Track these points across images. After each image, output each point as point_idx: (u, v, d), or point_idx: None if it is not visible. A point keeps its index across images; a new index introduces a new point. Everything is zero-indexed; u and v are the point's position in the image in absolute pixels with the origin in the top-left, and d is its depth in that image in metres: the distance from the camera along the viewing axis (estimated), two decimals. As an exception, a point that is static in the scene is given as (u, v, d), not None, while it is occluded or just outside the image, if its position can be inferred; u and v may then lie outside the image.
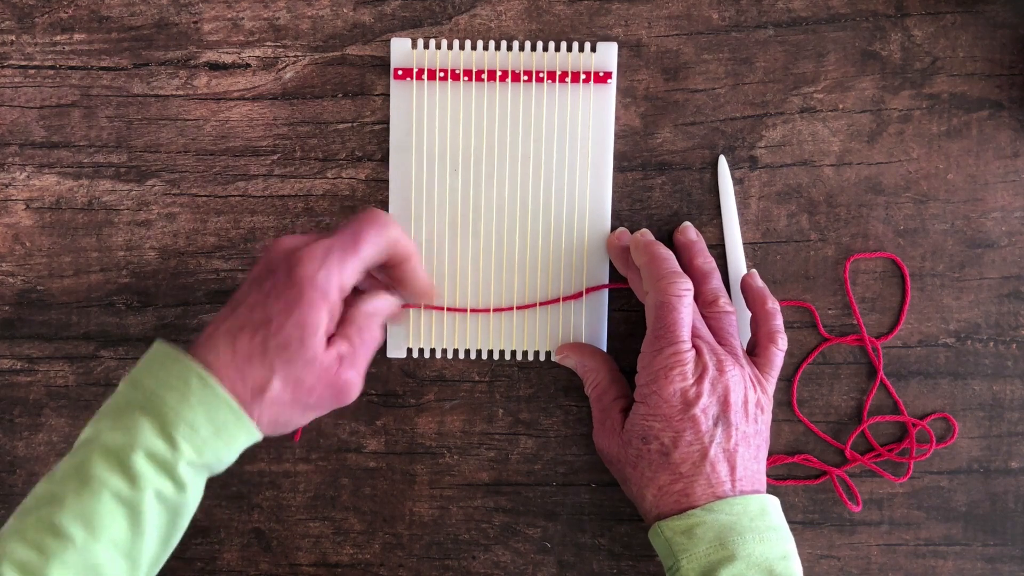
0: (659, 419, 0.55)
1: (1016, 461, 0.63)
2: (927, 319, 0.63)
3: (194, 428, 0.49)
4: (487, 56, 0.61)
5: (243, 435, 0.50)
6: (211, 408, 0.49)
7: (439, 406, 0.63)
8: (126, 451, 0.48)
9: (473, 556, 0.64)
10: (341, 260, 0.51)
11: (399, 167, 0.62)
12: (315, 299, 0.50)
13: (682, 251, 0.60)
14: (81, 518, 0.47)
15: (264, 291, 0.51)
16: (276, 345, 0.50)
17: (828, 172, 0.62)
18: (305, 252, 0.51)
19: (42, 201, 0.63)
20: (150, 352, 0.51)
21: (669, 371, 0.55)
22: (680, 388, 0.55)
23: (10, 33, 0.62)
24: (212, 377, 0.49)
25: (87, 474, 0.48)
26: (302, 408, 0.52)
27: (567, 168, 0.61)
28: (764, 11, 0.61)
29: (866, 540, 0.64)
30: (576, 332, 0.62)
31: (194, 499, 0.50)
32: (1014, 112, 0.62)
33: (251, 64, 0.62)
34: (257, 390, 0.50)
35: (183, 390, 0.49)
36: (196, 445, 0.49)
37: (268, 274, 0.51)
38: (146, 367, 0.51)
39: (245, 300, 0.51)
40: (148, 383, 0.50)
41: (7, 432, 0.64)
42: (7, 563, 0.46)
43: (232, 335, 0.50)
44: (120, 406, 0.50)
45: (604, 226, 0.62)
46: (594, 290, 0.62)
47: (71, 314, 0.63)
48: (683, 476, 0.55)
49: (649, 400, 0.56)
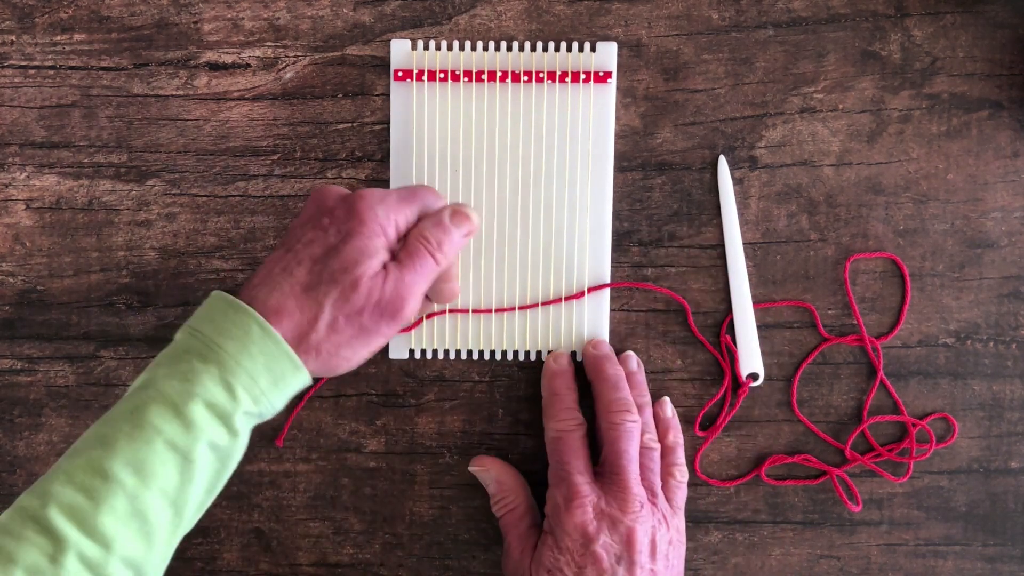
0: (563, 552, 0.55)
1: (1016, 461, 0.63)
2: (927, 319, 0.63)
3: (253, 378, 0.49)
4: (487, 57, 0.61)
5: (297, 382, 0.50)
6: (271, 358, 0.49)
7: (439, 406, 0.63)
8: (184, 399, 0.48)
9: (473, 556, 0.64)
10: (399, 202, 0.53)
11: (399, 168, 0.62)
12: (375, 230, 0.52)
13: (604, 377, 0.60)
14: (132, 464, 0.47)
15: (322, 227, 0.52)
16: (335, 269, 0.50)
17: (828, 172, 0.62)
18: (365, 192, 0.53)
19: (42, 201, 0.63)
20: (209, 301, 0.51)
21: (570, 503, 0.56)
22: (579, 523, 0.55)
23: (10, 33, 0.62)
24: (271, 326, 0.49)
25: (142, 420, 0.47)
26: (358, 332, 0.51)
27: (567, 168, 0.61)
28: (764, 11, 0.61)
29: (866, 540, 0.64)
30: (578, 331, 0.62)
31: (243, 446, 0.50)
32: (1014, 112, 0.62)
33: (251, 64, 0.62)
34: (313, 318, 0.50)
35: (243, 339, 0.49)
36: (254, 395, 0.49)
37: (324, 212, 0.52)
38: (205, 315, 0.50)
39: (301, 237, 0.52)
40: (207, 331, 0.49)
41: (7, 432, 0.64)
42: (54, 505, 0.46)
43: (289, 271, 0.51)
44: (178, 353, 0.49)
45: (605, 225, 0.62)
46: (596, 289, 0.62)
47: (71, 314, 0.63)
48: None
49: (555, 531, 0.56)
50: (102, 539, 0.46)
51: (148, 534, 0.47)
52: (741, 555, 0.64)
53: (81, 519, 0.46)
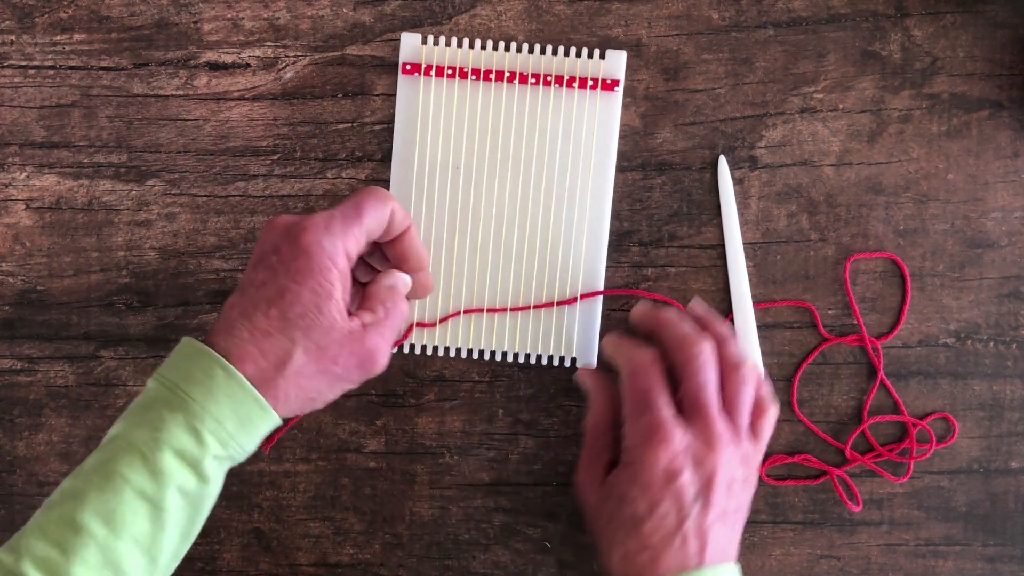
0: (638, 486, 0.54)
1: (1016, 461, 0.63)
2: (927, 319, 0.63)
3: (220, 422, 0.49)
4: (496, 56, 0.61)
5: (266, 424, 0.50)
6: (236, 401, 0.49)
7: (439, 406, 0.63)
8: (151, 447, 0.48)
9: (473, 556, 0.64)
10: (344, 227, 0.51)
11: (402, 163, 0.62)
12: (325, 264, 0.50)
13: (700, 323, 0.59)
14: (103, 515, 0.47)
15: (271, 267, 0.51)
16: (294, 315, 0.50)
17: (828, 172, 0.62)
18: (308, 222, 0.51)
19: (42, 201, 0.63)
20: (179, 347, 0.51)
21: (652, 438, 0.54)
22: (663, 458, 0.53)
23: (10, 33, 0.62)
24: (235, 369, 0.49)
25: (110, 470, 0.48)
26: (329, 379, 0.51)
27: (569, 173, 0.61)
28: (764, 11, 0.61)
29: (866, 540, 0.64)
30: (568, 338, 0.62)
31: (215, 491, 0.50)
32: (1014, 112, 0.62)
33: (251, 64, 0.62)
34: (279, 363, 0.50)
35: (208, 384, 0.49)
36: (222, 438, 0.49)
37: (272, 250, 0.51)
38: (174, 362, 0.50)
39: (253, 280, 0.51)
40: (174, 377, 0.49)
41: (7, 432, 0.64)
42: (28, 559, 0.46)
43: (247, 315, 0.50)
44: (146, 403, 0.50)
45: (603, 232, 0.62)
46: (589, 296, 0.62)
47: (71, 314, 0.63)
48: (651, 547, 0.53)
49: (632, 464, 0.54)
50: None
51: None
52: (741, 555, 0.64)
53: (54, 572, 0.46)
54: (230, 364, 0.49)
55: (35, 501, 0.64)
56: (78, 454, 0.64)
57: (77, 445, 0.64)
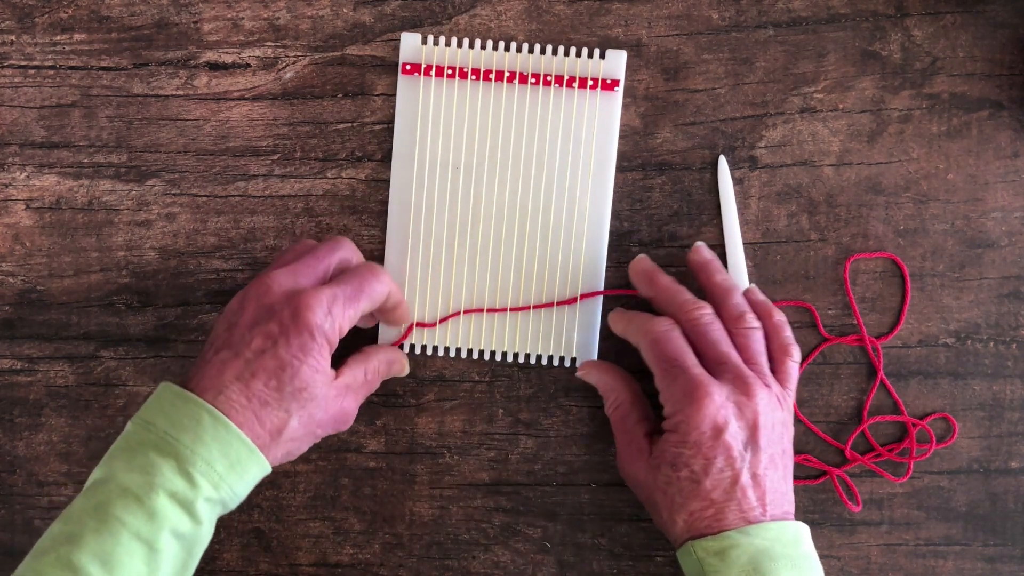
0: (689, 446, 0.54)
1: (1016, 461, 0.63)
2: (927, 319, 0.63)
3: (210, 464, 0.50)
4: (495, 56, 0.61)
5: (256, 468, 0.52)
6: (225, 444, 0.50)
7: (439, 406, 0.63)
8: (146, 490, 0.49)
9: (473, 556, 0.64)
10: (344, 309, 0.54)
11: (402, 163, 0.62)
12: (324, 345, 0.53)
13: (699, 271, 0.60)
14: (99, 557, 0.48)
15: (270, 335, 0.52)
16: (293, 389, 0.52)
17: (828, 172, 0.62)
18: (312, 299, 0.53)
19: (42, 201, 0.63)
20: (157, 393, 0.52)
21: (694, 395, 0.54)
22: (710, 412, 0.54)
23: (10, 33, 0.62)
24: (221, 414, 0.51)
25: (106, 513, 0.49)
26: (311, 439, 0.55)
27: (568, 173, 0.61)
28: (764, 11, 0.61)
29: (866, 540, 0.64)
30: (568, 338, 0.62)
31: (207, 535, 0.52)
32: (1014, 112, 0.62)
33: (251, 64, 0.62)
34: (275, 432, 0.52)
35: (196, 429, 0.50)
36: (213, 480, 0.50)
37: (270, 317, 0.53)
38: (156, 408, 0.52)
39: (248, 344, 0.52)
40: (160, 423, 0.51)
41: (7, 432, 0.64)
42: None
43: (244, 381, 0.52)
44: (132, 446, 0.51)
45: (603, 232, 0.62)
46: (589, 296, 0.62)
47: (71, 314, 0.63)
48: (714, 503, 0.54)
49: (680, 427, 0.55)
50: None
51: None
52: (741, 555, 0.64)
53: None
54: (216, 411, 0.51)
55: (35, 501, 0.64)
56: (78, 454, 0.64)
57: (77, 445, 0.64)
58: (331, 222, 0.62)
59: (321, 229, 0.63)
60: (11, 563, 0.64)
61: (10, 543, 0.64)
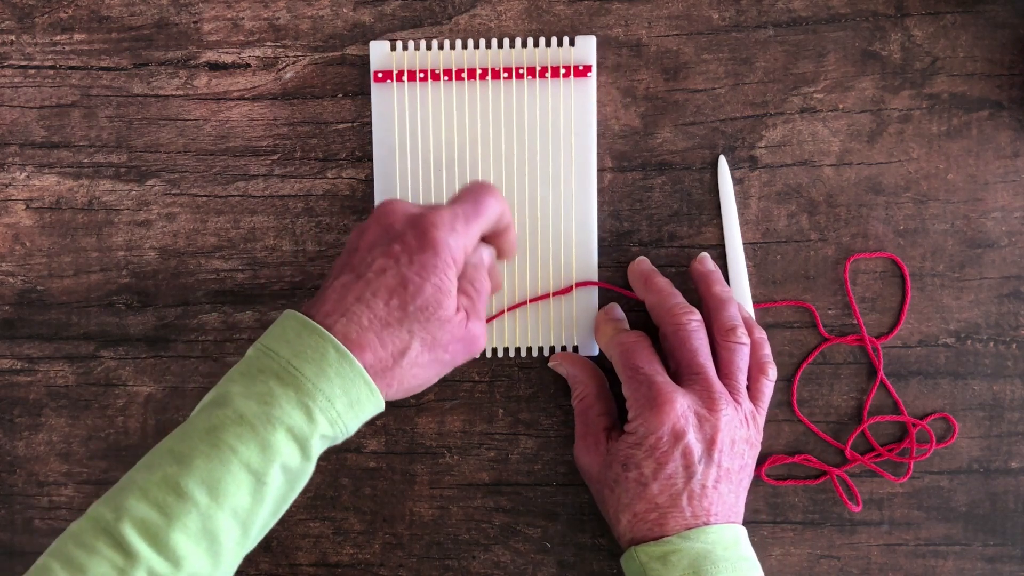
0: (644, 449, 0.55)
1: (1016, 461, 0.63)
2: (927, 319, 0.63)
3: (331, 400, 0.49)
4: (467, 55, 0.61)
5: (372, 407, 0.50)
6: (347, 381, 0.49)
7: (439, 406, 0.63)
8: (263, 422, 0.48)
9: (473, 556, 0.64)
10: (467, 226, 0.52)
11: (383, 169, 0.61)
12: (448, 262, 0.51)
13: (699, 280, 0.60)
14: (207, 483, 0.47)
15: (392, 255, 0.51)
16: (415, 308, 0.50)
17: (828, 172, 0.62)
18: (436, 217, 0.51)
19: (42, 201, 0.63)
20: (282, 320, 0.51)
21: (655, 402, 0.55)
22: (670, 419, 0.55)
23: (10, 33, 0.62)
24: (347, 350, 0.49)
25: (219, 440, 0.48)
26: (438, 367, 0.53)
27: (551, 163, 0.61)
28: (764, 11, 0.61)
29: (866, 540, 0.64)
30: (568, 327, 0.62)
31: (311, 470, 0.50)
32: (1014, 112, 0.62)
33: (251, 64, 0.62)
34: (397, 354, 0.50)
35: (320, 363, 0.49)
36: (331, 417, 0.49)
37: (394, 237, 0.51)
38: (279, 335, 0.50)
39: (370, 264, 0.51)
40: (283, 352, 0.49)
41: (7, 432, 0.64)
42: (127, 520, 0.46)
43: (365, 302, 0.50)
44: (252, 372, 0.49)
45: (590, 220, 0.62)
46: (583, 285, 0.62)
47: (71, 314, 0.63)
48: (659, 507, 0.55)
49: (638, 430, 0.56)
50: (172, 556, 0.46)
51: (216, 553, 0.47)
52: (741, 555, 0.64)
53: (153, 535, 0.46)
54: (342, 345, 0.49)
55: (35, 501, 0.64)
56: (78, 454, 0.64)
57: (77, 445, 0.64)
58: (331, 222, 0.62)
59: (321, 229, 0.63)
60: (11, 563, 0.64)
61: (10, 543, 0.64)
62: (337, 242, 0.63)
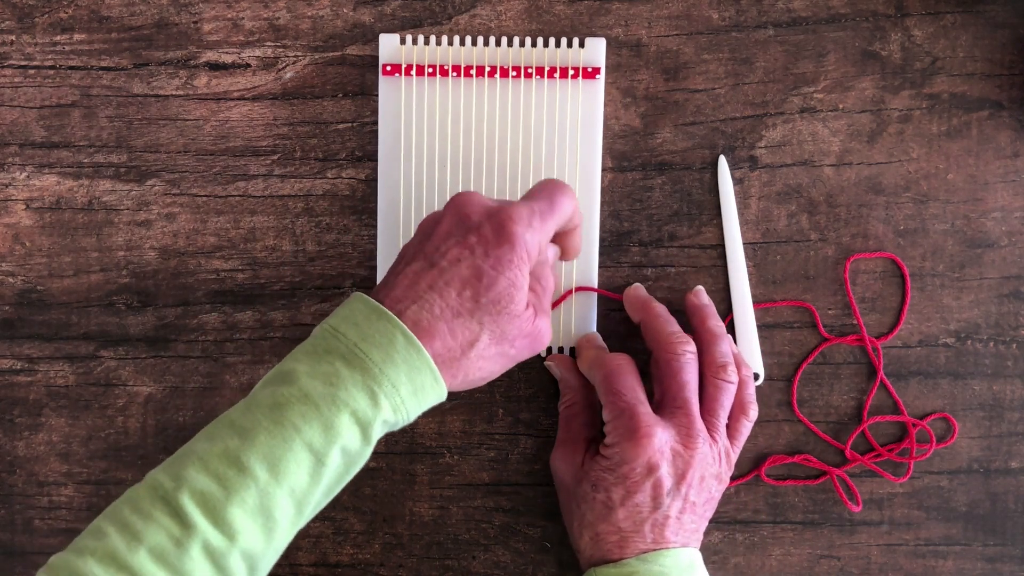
0: (616, 475, 0.56)
1: (1016, 461, 0.63)
2: (927, 319, 0.63)
3: (396, 387, 0.49)
4: (476, 52, 0.61)
5: (434, 396, 0.50)
6: (413, 368, 0.49)
7: (439, 406, 0.63)
8: (328, 403, 0.48)
9: (473, 556, 0.64)
10: (542, 223, 0.52)
11: (388, 163, 0.61)
12: (523, 257, 0.51)
13: (693, 313, 0.60)
14: (268, 460, 0.47)
15: (468, 246, 0.51)
16: (487, 300, 0.50)
17: (828, 172, 0.62)
18: (514, 212, 0.51)
19: (42, 201, 0.63)
20: (350, 302, 0.51)
21: (634, 434, 0.55)
22: (646, 453, 0.55)
23: (10, 33, 0.62)
24: (414, 336, 0.49)
25: (282, 417, 0.48)
26: (503, 360, 0.53)
27: (556, 164, 0.61)
28: (764, 11, 0.61)
29: (866, 540, 0.64)
30: (566, 331, 0.62)
31: (369, 454, 0.50)
32: (1014, 112, 0.62)
33: (251, 64, 0.62)
34: (466, 345, 0.50)
35: (388, 348, 0.49)
36: (395, 403, 0.49)
37: (470, 228, 0.51)
38: (347, 317, 0.50)
39: (444, 254, 0.51)
40: (351, 334, 0.49)
41: (7, 432, 0.64)
42: (187, 490, 0.46)
43: (438, 291, 0.50)
44: (319, 353, 0.49)
45: (593, 223, 0.62)
46: (583, 290, 0.62)
47: (71, 314, 0.63)
48: (622, 531, 0.55)
49: (614, 457, 0.56)
50: (228, 530, 0.46)
51: (270, 530, 0.47)
52: (741, 555, 0.64)
53: (211, 508, 0.46)
54: (411, 332, 0.49)
55: (35, 501, 0.64)
56: (78, 454, 0.64)
57: (77, 445, 0.64)
58: (331, 222, 0.62)
59: (321, 229, 0.63)
60: (11, 563, 0.64)
61: (10, 543, 0.64)
62: (337, 242, 0.63)
